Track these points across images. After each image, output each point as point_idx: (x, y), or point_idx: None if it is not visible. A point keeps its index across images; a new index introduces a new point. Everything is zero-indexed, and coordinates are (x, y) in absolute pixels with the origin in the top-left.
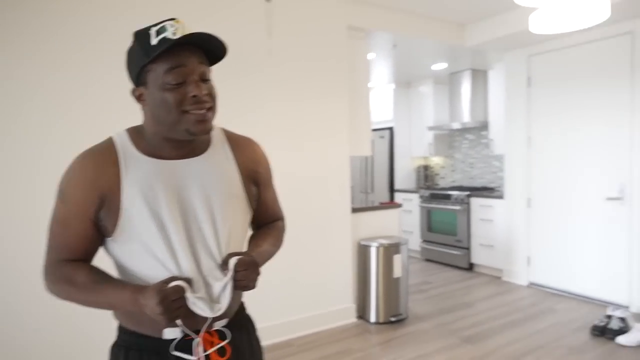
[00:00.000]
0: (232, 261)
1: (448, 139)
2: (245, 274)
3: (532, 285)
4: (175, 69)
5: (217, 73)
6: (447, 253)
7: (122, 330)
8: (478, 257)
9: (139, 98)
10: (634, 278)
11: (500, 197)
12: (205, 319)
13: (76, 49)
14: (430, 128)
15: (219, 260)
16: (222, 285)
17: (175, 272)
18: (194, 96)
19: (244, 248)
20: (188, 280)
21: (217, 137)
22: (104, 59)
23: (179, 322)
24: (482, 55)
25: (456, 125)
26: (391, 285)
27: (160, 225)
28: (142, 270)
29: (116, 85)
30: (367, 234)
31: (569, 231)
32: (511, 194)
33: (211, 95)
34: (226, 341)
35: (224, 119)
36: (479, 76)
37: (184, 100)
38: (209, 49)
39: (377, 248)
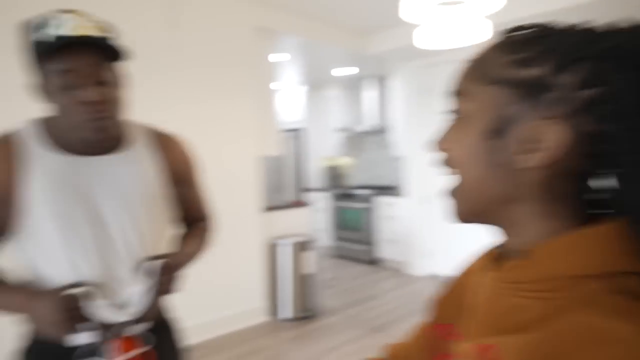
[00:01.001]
0: (148, 265)
1: (355, 140)
2: (163, 279)
3: (431, 276)
4: (68, 72)
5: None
6: (354, 249)
7: (26, 336)
8: (382, 251)
9: (38, 92)
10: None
11: (401, 195)
12: (113, 323)
13: None
14: (338, 130)
15: (130, 264)
16: (136, 290)
17: (76, 277)
18: (87, 102)
19: (163, 250)
20: (88, 286)
21: (138, 133)
22: None
23: (91, 329)
24: (383, 63)
25: (361, 128)
26: (302, 282)
27: (63, 227)
28: (42, 273)
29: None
30: (278, 232)
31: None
32: (409, 193)
33: (107, 101)
34: (145, 348)
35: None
36: (382, 82)
37: (77, 104)
38: (104, 48)
39: (288, 246)
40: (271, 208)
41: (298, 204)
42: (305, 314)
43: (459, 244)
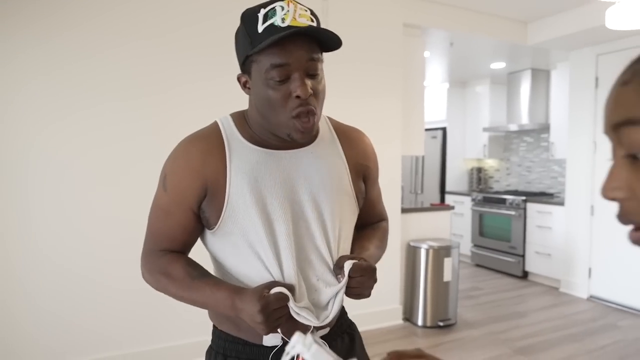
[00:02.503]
0: (347, 265)
1: (504, 141)
2: (361, 280)
3: (592, 298)
4: (278, 66)
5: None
6: (499, 259)
7: (217, 333)
8: (533, 265)
9: (244, 85)
10: None
11: (561, 203)
12: (307, 325)
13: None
14: (485, 129)
15: (331, 263)
16: (334, 291)
17: (277, 275)
18: (298, 97)
19: (348, 250)
20: (291, 287)
21: (323, 127)
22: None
23: (281, 330)
24: (543, 55)
25: (513, 127)
26: (440, 289)
27: (267, 221)
28: (241, 269)
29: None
30: (416, 235)
31: None
32: (573, 201)
33: (317, 96)
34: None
35: None
36: (540, 76)
37: (287, 99)
38: (320, 39)
39: (427, 250)
40: (411, 209)
41: (439, 206)
42: (443, 322)
43: (629, 264)
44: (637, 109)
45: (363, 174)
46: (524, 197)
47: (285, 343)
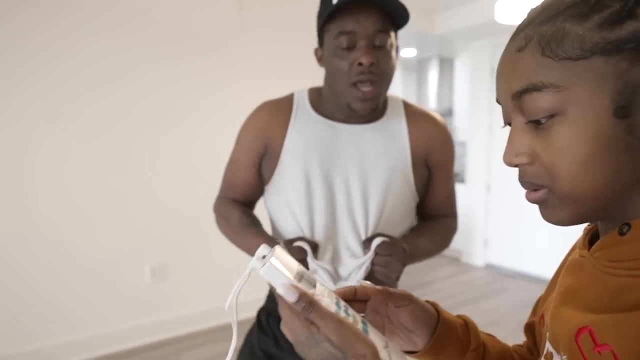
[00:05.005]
0: (376, 241)
1: None
2: (387, 260)
3: (488, 266)
4: (345, 33)
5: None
6: None
7: (268, 296)
8: None
9: (319, 59)
10: None
11: (462, 181)
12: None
13: None
14: None
15: (363, 236)
16: (357, 264)
17: (307, 234)
18: (360, 64)
19: (398, 234)
20: (314, 245)
21: (394, 107)
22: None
23: None
24: (449, 44)
25: None
26: None
27: (307, 185)
28: (281, 225)
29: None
30: None
31: (524, 215)
32: (472, 179)
33: (380, 66)
34: None
35: (187, 98)
36: (446, 64)
37: (350, 67)
38: (389, 10)
39: None
40: None
41: None
42: None
43: (518, 235)
44: (538, 74)
45: (427, 160)
46: None
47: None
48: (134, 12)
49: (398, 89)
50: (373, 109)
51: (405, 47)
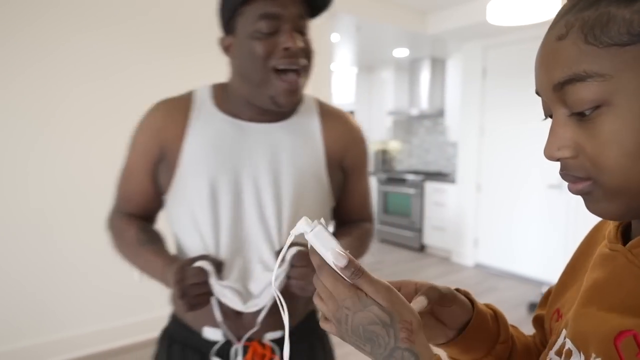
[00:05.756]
0: (291, 251)
1: (406, 124)
2: (304, 271)
3: (478, 265)
4: (268, 17)
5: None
6: (400, 234)
7: (171, 316)
8: (430, 238)
9: (226, 49)
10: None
11: (453, 181)
12: (239, 313)
13: None
14: (390, 113)
15: (277, 245)
16: (270, 279)
17: (213, 250)
18: (286, 48)
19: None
20: (219, 264)
21: (307, 105)
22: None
23: (219, 320)
24: (441, 44)
25: (415, 112)
26: None
27: (211, 192)
28: (184, 240)
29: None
30: None
31: (514, 216)
32: (462, 179)
33: (306, 52)
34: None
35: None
36: (438, 64)
37: (273, 52)
38: None
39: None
40: None
41: None
42: None
43: (508, 235)
44: (581, 64)
45: (341, 162)
46: (422, 177)
47: (227, 342)
48: (126, 9)
49: (390, 88)
50: (295, 103)
51: (398, 47)
